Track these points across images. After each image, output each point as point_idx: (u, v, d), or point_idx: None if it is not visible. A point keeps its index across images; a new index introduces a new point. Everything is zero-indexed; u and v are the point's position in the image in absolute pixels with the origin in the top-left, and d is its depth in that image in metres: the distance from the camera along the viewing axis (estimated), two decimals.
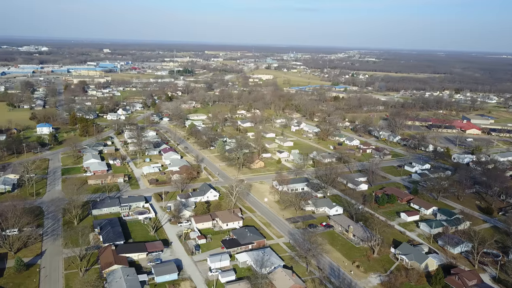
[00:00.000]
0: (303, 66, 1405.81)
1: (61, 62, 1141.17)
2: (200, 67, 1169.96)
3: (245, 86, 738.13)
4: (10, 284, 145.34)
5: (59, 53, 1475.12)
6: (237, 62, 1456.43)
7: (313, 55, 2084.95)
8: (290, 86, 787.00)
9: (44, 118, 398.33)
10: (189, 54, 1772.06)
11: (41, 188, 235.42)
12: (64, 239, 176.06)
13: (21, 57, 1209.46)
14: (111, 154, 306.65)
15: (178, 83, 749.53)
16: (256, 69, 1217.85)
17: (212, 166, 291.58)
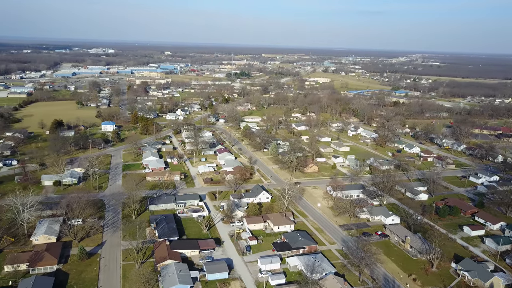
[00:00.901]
0: (362, 69, 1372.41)
1: (125, 64, 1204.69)
2: (257, 70, 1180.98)
3: (301, 89, 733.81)
4: (73, 271, 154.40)
5: (124, 55, 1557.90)
6: (294, 65, 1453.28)
7: (372, 58, 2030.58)
8: (348, 89, 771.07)
9: (108, 116, 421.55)
10: (246, 57, 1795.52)
11: (103, 182, 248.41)
12: (122, 232, 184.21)
13: (90, 59, 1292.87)
14: (169, 152, 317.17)
15: (235, 85, 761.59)
16: (313, 72, 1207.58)
17: (265, 168, 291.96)
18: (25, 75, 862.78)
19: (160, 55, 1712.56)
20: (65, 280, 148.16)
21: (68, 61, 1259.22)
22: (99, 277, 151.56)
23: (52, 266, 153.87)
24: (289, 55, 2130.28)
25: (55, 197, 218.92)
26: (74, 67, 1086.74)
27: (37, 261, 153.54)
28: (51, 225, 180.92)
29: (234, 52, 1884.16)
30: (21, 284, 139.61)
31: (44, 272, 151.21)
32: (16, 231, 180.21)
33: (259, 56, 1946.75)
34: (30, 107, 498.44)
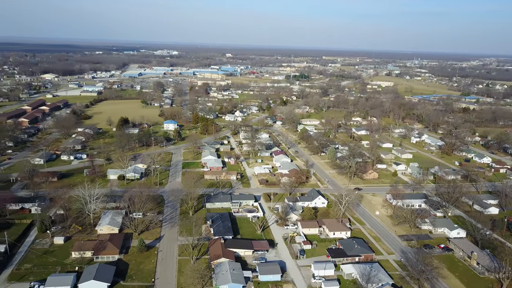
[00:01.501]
0: (429, 73, 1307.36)
1: (188, 65, 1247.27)
2: (317, 73, 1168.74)
3: (362, 93, 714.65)
4: (133, 262, 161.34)
5: (187, 57, 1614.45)
6: (356, 68, 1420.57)
7: (440, 62, 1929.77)
8: (412, 94, 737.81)
9: (170, 116, 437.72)
10: (306, 60, 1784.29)
11: (164, 179, 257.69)
12: (180, 227, 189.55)
13: (156, 60, 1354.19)
14: (226, 152, 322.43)
15: (294, 88, 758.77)
16: (375, 76, 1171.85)
17: (322, 172, 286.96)
18: (96, 75, 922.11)
19: (222, 57, 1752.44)
20: (125, 270, 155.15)
21: (135, 62, 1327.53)
22: (156, 269, 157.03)
23: (114, 256, 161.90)
24: (350, 57, 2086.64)
25: (119, 191, 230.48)
26: (141, 67, 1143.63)
27: (101, 250, 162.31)
28: (115, 217, 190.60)
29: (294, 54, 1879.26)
30: (86, 270, 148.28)
31: (106, 260, 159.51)
32: (83, 221, 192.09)
33: (319, 58, 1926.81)
34: (99, 105, 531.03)
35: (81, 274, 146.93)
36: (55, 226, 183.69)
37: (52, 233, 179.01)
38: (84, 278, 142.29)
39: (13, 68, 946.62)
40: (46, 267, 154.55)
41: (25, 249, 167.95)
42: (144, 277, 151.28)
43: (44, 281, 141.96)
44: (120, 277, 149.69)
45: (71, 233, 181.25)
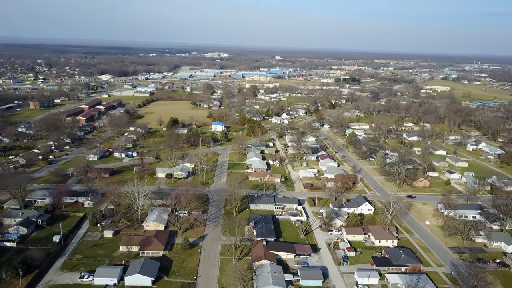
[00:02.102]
0: (489, 78, 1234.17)
1: (237, 68, 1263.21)
2: (368, 76, 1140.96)
3: (416, 97, 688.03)
4: (176, 258, 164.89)
5: (236, 60, 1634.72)
6: (409, 72, 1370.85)
7: (503, 66, 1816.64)
8: (470, 100, 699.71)
9: (218, 117, 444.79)
10: (358, 63, 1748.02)
11: (209, 178, 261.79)
12: (223, 227, 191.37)
13: (206, 62, 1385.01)
14: (271, 154, 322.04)
15: (343, 91, 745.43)
16: (430, 80, 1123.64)
17: (370, 178, 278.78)
18: (149, 76, 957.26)
19: (271, 59, 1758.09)
20: (169, 266, 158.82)
21: (187, 64, 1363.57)
22: (198, 267, 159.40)
23: (159, 252, 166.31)
24: (404, 61, 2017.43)
25: (166, 189, 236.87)
26: (192, 69, 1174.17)
27: (147, 245, 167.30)
28: (161, 214, 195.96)
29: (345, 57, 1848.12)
30: (132, 264, 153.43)
31: (151, 256, 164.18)
32: (131, 216, 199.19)
33: (371, 61, 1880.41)
34: (151, 105, 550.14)
35: (127, 268, 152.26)
36: (105, 220, 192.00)
37: (102, 227, 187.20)
38: (130, 272, 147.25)
39: (74, 69, 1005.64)
40: (96, 258, 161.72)
41: (77, 240, 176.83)
42: (186, 274, 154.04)
43: (93, 272, 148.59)
44: (163, 273, 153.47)
45: (119, 227, 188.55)
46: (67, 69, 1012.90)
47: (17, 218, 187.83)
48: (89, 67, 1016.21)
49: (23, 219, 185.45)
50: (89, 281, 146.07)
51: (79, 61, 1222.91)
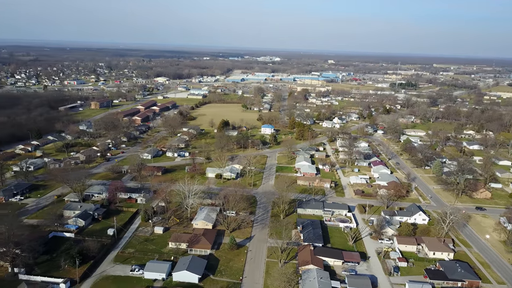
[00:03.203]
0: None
1: (289, 71, 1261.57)
2: (425, 81, 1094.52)
3: (478, 104, 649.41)
4: (223, 258, 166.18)
5: (288, 63, 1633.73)
6: (471, 77, 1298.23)
7: None
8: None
9: (268, 120, 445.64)
10: (415, 67, 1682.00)
11: (257, 180, 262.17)
12: (270, 230, 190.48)
13: (258, 66, 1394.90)
14: (321, 159, 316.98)
15: (399, 96, 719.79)
16: (495, 86, 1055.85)
17: (425, 187, 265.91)
18: (203, 79, 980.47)
19: (323, 63, 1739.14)
20: (216, 265, 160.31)
21: (239, 68, 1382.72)
22: (244, 268, 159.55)
23: (206, 250, 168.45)
24: (466, 65, 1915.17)
25: (216, 189, 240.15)
26: (243, 73, 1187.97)
27: (195, 243, 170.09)
28: (210, 213, 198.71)
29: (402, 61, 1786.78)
30: (180, 261, 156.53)
31: (199, 254, 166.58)
32: (181, 214, 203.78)
33: (429, 66, 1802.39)
34: (203, 108, 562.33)
35: (175, 264, 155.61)
36: (156, 217, 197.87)
37: (153, 223, 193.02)
38: (178, 268, 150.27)
39: (132, 72, 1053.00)
40: (146, 253, 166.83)
41: (129, 235, 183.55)
42: (232, 274, 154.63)
43: (144, 265, 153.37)
44: (210, 271, 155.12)
45: (169, 224, 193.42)
46: (125, 72, 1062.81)
47: (76, 210, 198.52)
48: (146, 70, 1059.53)
49: (81, 212, 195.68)
50: (139, 274, 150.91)
51: (137, 64, 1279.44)
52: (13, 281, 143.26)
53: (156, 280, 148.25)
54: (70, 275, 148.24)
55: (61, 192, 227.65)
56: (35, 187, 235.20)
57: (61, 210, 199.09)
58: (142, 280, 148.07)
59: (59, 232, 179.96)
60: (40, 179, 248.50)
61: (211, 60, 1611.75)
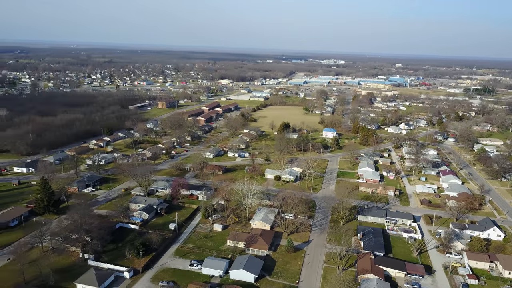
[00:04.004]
0: None
1: (353, 75, 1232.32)
2: (505, 87, 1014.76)
3: None
4: (280, 260, 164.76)
5: (353, 67, 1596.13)
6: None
7: None
8: None
9: (330, 124, 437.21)
10: (492, 72, 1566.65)
11: (317, 185, 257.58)
12: (329, 235, 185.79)
13: (321, 69, 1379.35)
14: (386, 166, 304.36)
15: (473, 102, 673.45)
16: None
17: (501, 200, 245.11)
18: (265, 82, 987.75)
19: (391, 67, 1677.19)
20: (272, 266, 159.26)
21: (302, 70, 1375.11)
22: (301, 271, 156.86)
23: (263, 251, 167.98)
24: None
25: (274, 190, 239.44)
26: (306, 76, 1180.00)
27: (252, 243, 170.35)
28: (268, 214, 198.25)
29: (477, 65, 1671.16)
30: (237, 259, 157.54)
31: (256, 254, 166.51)
32: (240, 213, 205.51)
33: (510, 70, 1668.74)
34: (265, 110, 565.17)
35: (232, 262, 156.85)
36: (215, 214, 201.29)
37: (212, 220, 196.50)
38: (235, 266, 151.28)
39: (197, 74, 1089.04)
40: (205, 249, 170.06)
41: (189, 230, 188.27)
42: (289, 277, 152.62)
43: (202, 261, 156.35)
44: (266, 272, 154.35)
45: (228, 222, 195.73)
46: (191, 74, 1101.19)
47: (141, 204, 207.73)
48: (210, 72, 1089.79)
49: (146, 205, 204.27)
50: (198, 269, 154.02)
51: (203, 66, 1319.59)
52: (83, 266, 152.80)
53: (213, 276, 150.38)
54: (134, 264, 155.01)
55: (128, 186, 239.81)
56: (105, 180, 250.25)
57: (127, 203, 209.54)
58: (200, 275, 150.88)
59: (125, 223, 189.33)
60: (110, 172, 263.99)
61: (274, 63, 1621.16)
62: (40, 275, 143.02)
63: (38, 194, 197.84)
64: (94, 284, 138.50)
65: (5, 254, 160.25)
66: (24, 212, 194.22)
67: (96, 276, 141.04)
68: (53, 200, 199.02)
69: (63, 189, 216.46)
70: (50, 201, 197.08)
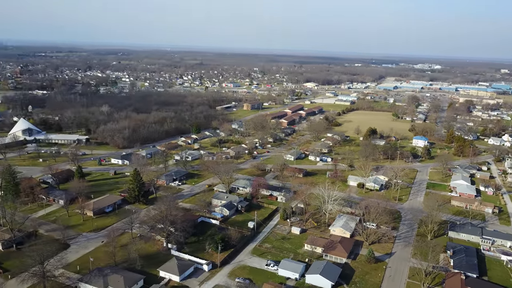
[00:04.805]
0: None
1: (450, 81, 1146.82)
2: None
3: None
4: (359, 269, 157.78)
5: (450, 72, 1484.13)
6: None
7: None
8: None
9: (421, 132, 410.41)
10: None
11: (404, 195, 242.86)
12: (414, 249, 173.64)
13: (414, 74, 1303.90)
14: (483, 180, 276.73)
15: None
16: None
17: None
18: (352, 86, 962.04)
19: (495, 73, 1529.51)
20: (350, 275, 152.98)
21: (392, 75, 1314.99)
22: (381, 284, 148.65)
23: (342, 258, 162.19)
24: None
25: (356, 198, 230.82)
26: (397, 81, 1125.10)
27: (330, 249, 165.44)
28: (348, 222, 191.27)
29: None
30: (314, 264, 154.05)
31: (334, 261, 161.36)
32: (319, 218, 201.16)
33: None
34: (350, 114, 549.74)
35: (309, 266, 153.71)
36: (294, 217, 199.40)
37: (291, 222, 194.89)
38: (312, 271, 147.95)
39: (282, 77, 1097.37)
40: (282, 251, 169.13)
41: (268, 230, 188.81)
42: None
43: (278, 262, 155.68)
44: (344, 280, 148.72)
45: (306, 226, 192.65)
46: (277, 76, 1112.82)
47: (222, 200, 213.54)
48: (296, 75, 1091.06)
49: (227, 202, 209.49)
50: (274, 270, 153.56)
51: (288, 69, 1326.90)
52: (166, 255, 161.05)
53: (289, 278, 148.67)
54: (212, 258, 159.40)
55: (211, 182, 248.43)
56: (190, 175, 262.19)
57: (210, 198, 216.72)
58: (276, 276, 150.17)
59: (207, 218, 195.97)
60: (195, 168, 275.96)
61: (363, 67, 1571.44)
62: (128, 259, 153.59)
63: (130, 185, 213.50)
64: (175, 273, 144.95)
65: (100, 237, 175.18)
66: (117, 200, 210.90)
67: (178, 266, 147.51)
68: (143, 191, 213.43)
69: (153, 181, 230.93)
70: (140, 192, 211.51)
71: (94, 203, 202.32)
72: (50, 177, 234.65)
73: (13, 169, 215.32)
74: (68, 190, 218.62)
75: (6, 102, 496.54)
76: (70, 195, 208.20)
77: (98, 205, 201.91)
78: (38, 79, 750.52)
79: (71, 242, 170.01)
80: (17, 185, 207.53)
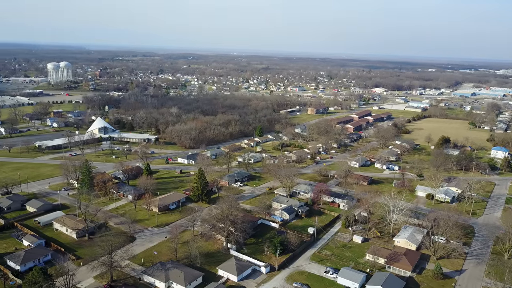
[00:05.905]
0: None
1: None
2: None
3: None
4: (424, 284, 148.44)
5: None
6: None
7: None
8: None
9: (502, 142, 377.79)
10: None
11: (478, 209, 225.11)
12: (488, 267, 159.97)
13: (496, 80, 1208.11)
14: None
15: None
16: None
17: None
18: (424, 92, 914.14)
19: None
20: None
21: (470, 81, 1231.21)
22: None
23: (406, 272, 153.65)
24: None
25: (424, 209, 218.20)
26: (475, 87, 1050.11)
27: (394, 261, 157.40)
28: (415, 233, 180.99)
29: None
30: (375, 275, 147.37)
31: (397, 273, 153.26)
32: (383, 228, 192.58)
33: None
34: (421, 122, 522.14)
35: (370, 277, 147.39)
36: (356, 225, 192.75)
37: (353, 231, 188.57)
38: (373, 282, 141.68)
39: (350, 81, 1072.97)
40: (342, 259, 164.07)
41: (328, 237, 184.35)
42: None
43: (338, 270, 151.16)
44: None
45: (369, 236, 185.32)
46: (344, 81, 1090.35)
47: (282, 204, 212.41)
48: (364, 80, 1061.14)
49: (287, 206, 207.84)
50: (333, 277, 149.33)
51: (356, 74, 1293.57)
52: (226, 254, 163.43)
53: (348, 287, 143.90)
54: (270, 261, 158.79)
55: (272, 185, 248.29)
56: (252, 177, 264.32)
57: (270, 201, 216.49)
58: (335, 284, 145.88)
59: (266, 220, 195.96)
60: (257, 171, 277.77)
61: (437, 72, 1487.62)
62: (189, 255, 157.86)
63: (194, 183, 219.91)
64: (234, 273, 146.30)
65: (164, 232, 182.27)
66: (182, 197, 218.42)
67: (236, 266, 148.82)
68: (206, 190, 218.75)
69: (216, 182, 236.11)
70: (204, 191, 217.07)
71: (160, 199, 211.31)
72: (121, 173, 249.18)
73: (89, 164, 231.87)
74: (136, 186, 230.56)
75: (86, 102, 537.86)
76: (138, 191, 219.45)
77: (163, 201, 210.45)
78: (115, 81, 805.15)
79: (137, 236, 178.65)
80: (92, 179, 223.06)
